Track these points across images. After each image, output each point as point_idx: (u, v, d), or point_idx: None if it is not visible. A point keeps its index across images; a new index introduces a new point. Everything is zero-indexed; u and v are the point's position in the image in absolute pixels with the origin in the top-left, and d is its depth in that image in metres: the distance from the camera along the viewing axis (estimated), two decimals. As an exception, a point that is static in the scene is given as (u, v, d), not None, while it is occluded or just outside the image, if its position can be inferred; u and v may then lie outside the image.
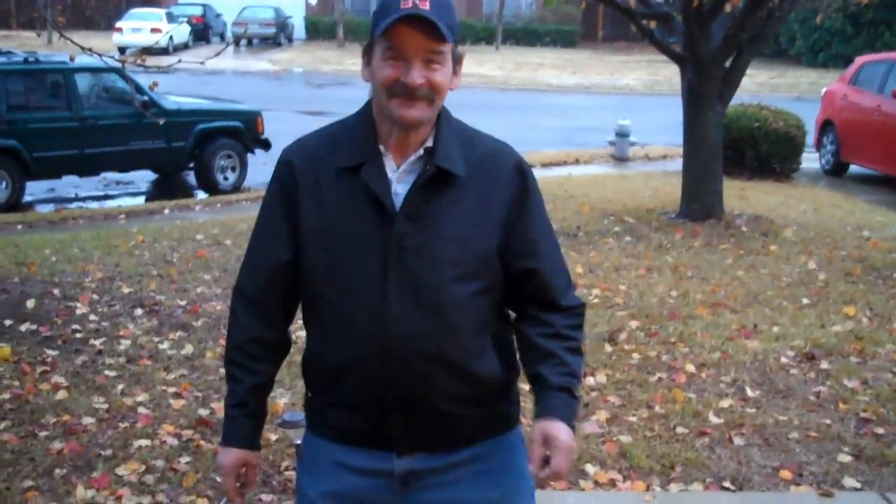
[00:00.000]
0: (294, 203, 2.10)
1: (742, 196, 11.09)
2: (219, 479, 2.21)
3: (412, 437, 2.13)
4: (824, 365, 5.54)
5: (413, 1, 1.98)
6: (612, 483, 4.12)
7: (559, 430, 2.03)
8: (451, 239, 2.05)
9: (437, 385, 2.09)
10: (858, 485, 4.14)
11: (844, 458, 4.39)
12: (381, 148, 2.08)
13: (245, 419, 2.21)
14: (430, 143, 2.08)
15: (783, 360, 5.62)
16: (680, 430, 4.64)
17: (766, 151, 13.07)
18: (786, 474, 4.21)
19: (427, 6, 1.98)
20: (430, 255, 2.04)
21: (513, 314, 2.24)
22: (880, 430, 4.69)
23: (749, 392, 5.13)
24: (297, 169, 2.11)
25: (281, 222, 2.13)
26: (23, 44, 26.49)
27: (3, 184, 10.86)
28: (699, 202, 9.57)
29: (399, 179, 2.07)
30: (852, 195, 12.23)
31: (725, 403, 4.96)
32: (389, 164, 2.08)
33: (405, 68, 2.00)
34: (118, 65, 6.38)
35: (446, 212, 2.06)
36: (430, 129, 2.09)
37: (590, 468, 4.21)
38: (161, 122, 9.69)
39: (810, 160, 14.25)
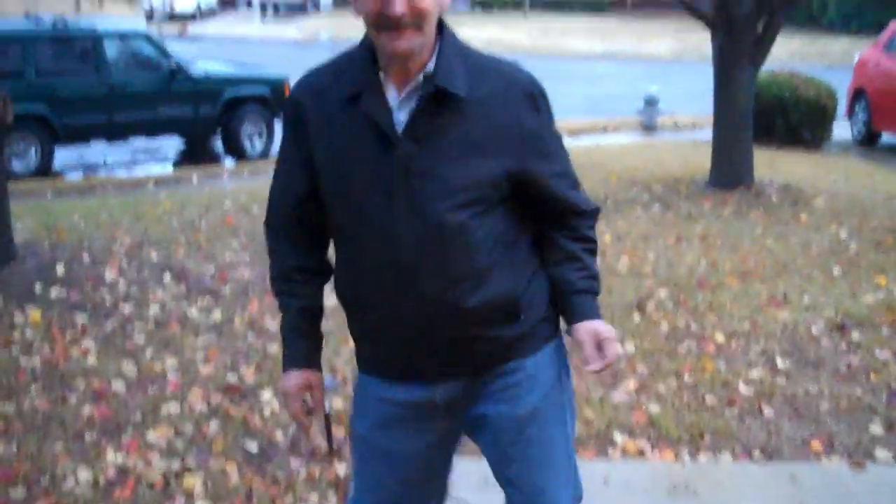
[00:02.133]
0: (305, 138, 2.11)
1: (772, 165, 10.97)
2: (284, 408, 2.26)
3: (441, 364, 2.15)
4: (855, 335, 5.48)
5: None
6: (641, 452, 4.10)
7: (600, 324, 2.18)
8: (456, 162, 2.02)
9: (455, 306, 2.08)
10: (890, 456, 4.10)
11: (876, 429, 4.34)
12: (381, 75, 2.04)
13: (301, 340, 2.25)
14: (430, 68, 2.02)
15: (814, 330, 5.56)
16: (709, 399, 4.61)
17: (797, 120, 12.93)
18: (816, 445, 4.17)
19: None
20: (435, 177, 2.02)
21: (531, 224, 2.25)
22: (912, 402, 4.65)
23: (779, 362, 5.09)
24: (305, 105, 2.12)
25: (296, 158, 2.15)
26: (51, 7, 26.53)
27: (32, 150, 10.94)
28: (729, 170, 9.47)
29: (401, 107, 2.04)
30: (884, 165, 12.09)
31: (755, 373, 4.92)
32: (391, 92, 2.04)
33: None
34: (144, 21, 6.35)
35: (450, 134, 2.02)
36: (432, 51, 2.03)
37: (618, 437, 4.20)
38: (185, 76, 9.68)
39: (842, 129, 14.09)
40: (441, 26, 2.06)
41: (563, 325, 2.29)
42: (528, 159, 2.10)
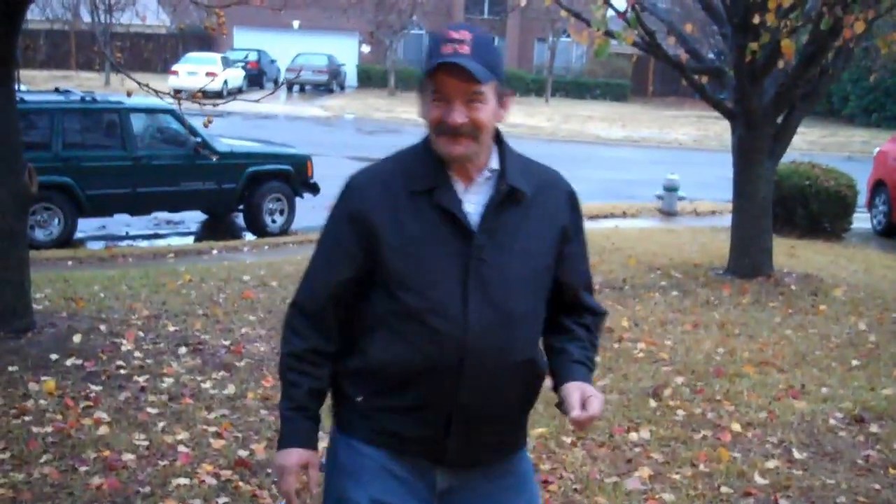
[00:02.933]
0: (368, 227, 2.24)
1: (791, 254, 10.96)
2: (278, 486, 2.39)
3: (464, 447, 2.29)
4: (874, 428, 5.41)
5: (454, 47, 2.17)
6: (654, 541, 4.04)
7: (589, 385, 2.28)
8: (520, 252, 2.27)
9: (505, 388, 2.28)
10: (908, 554, 4.02)
11: (894, 525, 4.27)
12: (450, 173, 2.26)
13: (305, 421, 2.32)
14: (494, 165, 2.29)
15: (831, 421, 5.50)
16: (724, 490, 4.54)
17: (817, 210, 12.96)
18: (833, 540, 4.10)
19: (467, 50, 2.16)
20: (503, 267, 2.25)
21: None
22: (932, 498, 4.57)
23: (796, 454, 5.02)
24: (371, 196, 2.26)
25: (351, 244, 2.27)
26: (81, 84, 27.05)
27: (56, 220, 11.04)
28: (748, 259, 9.47)
29: (468, 199, 2.26)
30: (904, 257, 12.03)
31: (771, 464, 4.86)
32: (458, 187, 2.26)
33: (447, 109, 2.18)
34: (174, 102, 6.47)
35: (516, 227, 2.27)
36: (489, 152, 2.29)
37: (631, 525, 4.14)
38: (214, 158, 9.85)
39: (862, 220, 14.11)
40: (498, 133, 2.31)
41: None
42: (564, 252, 2.35)
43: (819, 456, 5.03)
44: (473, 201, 2.26)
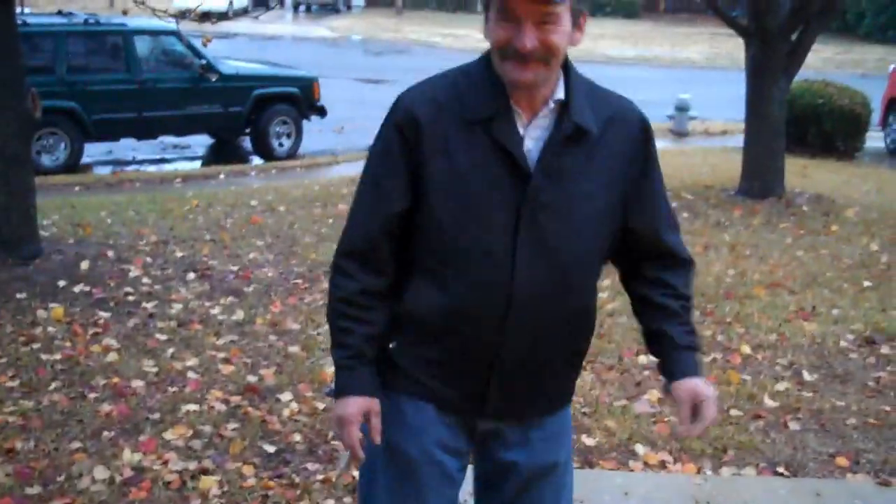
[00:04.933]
0: (417, 154, 2.02)
1: (804, 174, 10.85)
2: (338, 435, 2.16)
3: (504, 403, 2.12)
4: (885, 350, 5.38)
5: None
6: (663, 464, 4.04)
7: (701, 384, 2.11)
8: (582, 196, 2.04)
9: (554, 339, 2.10)
10: (918, 475, 4.01)
11: (904, 447, 4.26)
12: (512, 101, 2.02)
13: (364, 367, 2.11)
14: (560, 96, 2.03)
15: (842, 343, 5.47)
16: (734, 412, 4.53)
17: (830, 129, 12.81)
18: (842, 461, 4.09)
19: None
20: (562, 211, 2.02)
21: (622, 271, 2.28)
22: (942, 420, 4.55)
23: (806, 376, 5.00)
24: (422, 121, 2.02)
25: (399, 173, 2.04)
26: (85, 6, 26.73)
27: (62, 145, 10.99)
28: (759, 179, 9.37)
29: (529, 134, 2.03)
30: (918, 176, 11.91)
31: (781, 387, 4.84)
32: (520, 120, 2.03)
33: (516, 31, 1.93)
34: (171, 21, 6.33)
35: (579, 168, 2.03)
36: (556, 81, 2.03)
37: (640, 448, 4.13)
38: (214, 79, 9.72)
39: (875, 139, 13.95)
40: (566, 59, 2.05)
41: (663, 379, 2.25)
42: (639, 190, 2.12)
43: (829, 378, 5.01)
44: (534, 136, 2.02)
